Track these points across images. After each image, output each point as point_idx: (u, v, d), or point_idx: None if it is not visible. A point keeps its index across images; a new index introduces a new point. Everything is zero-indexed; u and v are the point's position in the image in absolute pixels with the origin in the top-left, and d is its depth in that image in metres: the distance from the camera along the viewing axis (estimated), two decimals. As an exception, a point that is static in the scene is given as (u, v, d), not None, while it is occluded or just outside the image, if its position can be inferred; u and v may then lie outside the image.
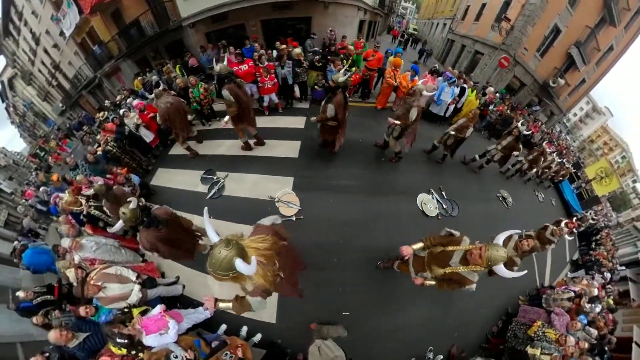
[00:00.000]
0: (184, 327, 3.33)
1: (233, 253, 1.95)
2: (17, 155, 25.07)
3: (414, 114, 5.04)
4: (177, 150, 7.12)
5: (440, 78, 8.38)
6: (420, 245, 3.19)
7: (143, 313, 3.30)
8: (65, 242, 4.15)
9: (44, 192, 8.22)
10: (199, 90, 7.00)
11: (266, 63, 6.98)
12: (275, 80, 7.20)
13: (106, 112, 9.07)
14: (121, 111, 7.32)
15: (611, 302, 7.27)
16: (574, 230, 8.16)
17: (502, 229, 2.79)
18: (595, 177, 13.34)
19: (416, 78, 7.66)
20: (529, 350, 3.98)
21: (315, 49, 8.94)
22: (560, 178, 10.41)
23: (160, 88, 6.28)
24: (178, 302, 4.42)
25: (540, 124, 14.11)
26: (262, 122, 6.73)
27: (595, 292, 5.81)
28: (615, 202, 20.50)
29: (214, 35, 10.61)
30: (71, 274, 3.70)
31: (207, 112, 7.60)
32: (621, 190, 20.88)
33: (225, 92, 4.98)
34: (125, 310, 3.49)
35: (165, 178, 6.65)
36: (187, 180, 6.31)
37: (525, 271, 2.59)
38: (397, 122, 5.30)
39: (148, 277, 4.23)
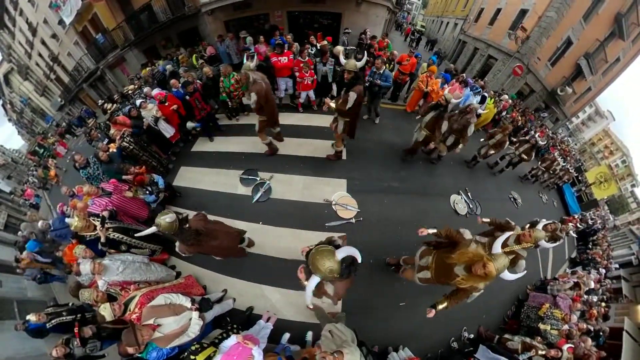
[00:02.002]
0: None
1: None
2: (16, 153, 23.92)
3: (471, 130, 5.20)
4: (201, 146, 5.97)
5: (467, 88, 7.84)
6: (433, 230, 3.09)
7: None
8: (85, 267, 3.16)
9: (43, 228, 4.97)
10: (229, 80, 5.82)
11: (307, 58, 5.91)
12: (315, 77, 6.14)
13: (115, 104, 7.72)
14: (138, 102, 6.04)
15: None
16: (578, 225, 9.42)
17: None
18: (595, 182, 13.38)
19: (446, 85, 7.25)
20: (541, 326, 4.59)
21: (352, 47, 7.93)
22: (565, 181, 10.44)
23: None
24: (228, 317, 3.80)
25: (546, 128, 13.79)
26: (297, 119, 6.48)
27: (592, 284, 6.29)
28: (614, 205, 20.21)
29: (233, 24, 9.39)
30: (107, 311, 2.85)
31: (235, 104, 6.43)
32: (619, 194, 20.81)
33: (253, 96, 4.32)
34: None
35: (192, 178, 5.58)
36: (221, 180, 5.38)
37: (525, 272, 2.85)
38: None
39: (202, 298, 3.46)
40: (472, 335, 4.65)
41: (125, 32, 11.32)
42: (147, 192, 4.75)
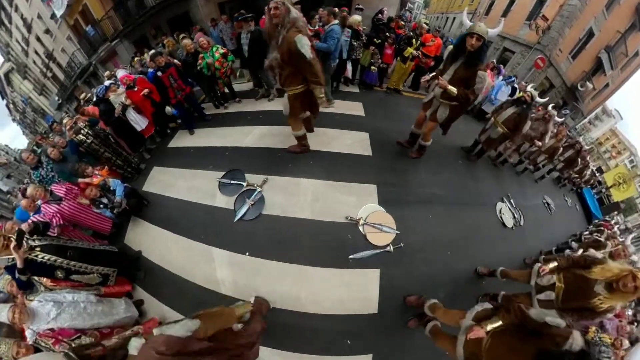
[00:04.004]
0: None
1: None
2: (19, 153, 23.73)
3: (548, 138, 4.76)
4: (180, 141, 4.50)
5: (500, 77, 6.91)
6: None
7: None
8: (2, 314, 2.17)
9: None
10: (213, 55, 4.34)
11: (317, 26, 4.45)
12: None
13: (90, 93, 6.32)
14: (107, 82, 4.63)
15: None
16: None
17: (553, 237, 3.25)
18: (615, 183, 12.07)
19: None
20: None
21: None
22: (591, 184, 9.61)
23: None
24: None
25: (566, 127, 12.37)
26: None
27: None
28: (608, 209, 18.92)
29: (228, 6, 7.98)
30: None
31: (223, 87, 4.98)
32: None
33: None
34: None
35: (164, 181, 4.02)
36: (197, 186, 3.69)
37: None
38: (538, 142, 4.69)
39: None
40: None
41: (114, 21, 10.42)
42: (101, 205, 3.31)
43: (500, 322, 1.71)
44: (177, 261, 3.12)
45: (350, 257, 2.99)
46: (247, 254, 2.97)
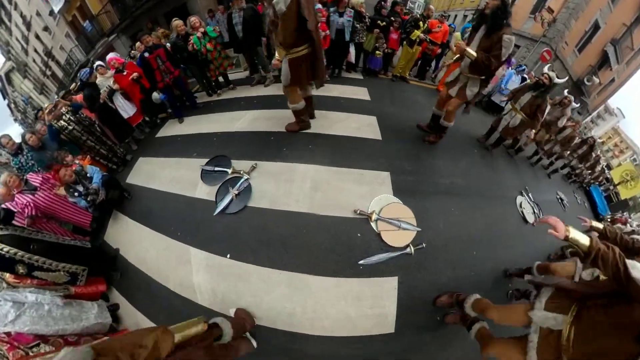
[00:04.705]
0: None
1: None
2: None
3: (562, 123, 4.66)
4: (168, 130, 4.11)
5: (509, 67, 6.52)
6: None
7: None
8: None
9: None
10: (204, 37, 3.98)
11: (317, 4, 4.09)
12: (328, 32, 4.27)
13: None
14: (96, 64, 4.33)
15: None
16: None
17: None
18: (622, 181, 11.75)
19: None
20: None
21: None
22: (599, 182, 9.12)
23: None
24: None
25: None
26: None
27: None
28: (616, 207, 18.57)
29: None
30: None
31: (216, 76, 4.61)
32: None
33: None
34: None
35: (147, 172, 3.58)
36: (179, 175, 3.22)
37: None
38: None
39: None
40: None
41: (111, 16, 10.16)
42: (76, 193, 2.94)
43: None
44: (153, 262, 2.68)
45: (361, 262, 2.35)
46: (228, 256, 2.42)
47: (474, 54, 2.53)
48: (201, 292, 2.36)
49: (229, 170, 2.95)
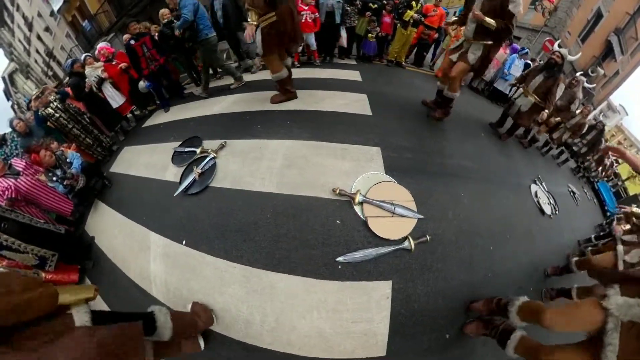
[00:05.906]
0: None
1: None
2: None
3: (575, 106, 4.42)
4: (155, 119, 4.02)
5: (510, 49, 6.28)
6: None
7: None
8: None
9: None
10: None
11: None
12: (317, 14, 4.14)
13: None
14: (83, 56, 4.28)
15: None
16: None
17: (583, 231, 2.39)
18: (630, 176, 11.41)
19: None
20: None
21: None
22: (607, 175, 8.80)
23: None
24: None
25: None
26: (296, 74, 3.52)
27: None
28: (626, 202, 18.06)
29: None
30: None
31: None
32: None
33: None
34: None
35: (128, 160, 3.48)
36: (154, 161, 3.04)
37: None
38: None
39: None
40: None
41: (109, 15, 10.35)
42: (55, 177, 2.87)
43: None
44: (119, 249, 2.51)
45: (339, 259, 1.78)
46: (184, 242, 2.09)
47: (493, 22, 2.41)
48: (155, 283, 2.12)
49: (198, 150, 2.79)
